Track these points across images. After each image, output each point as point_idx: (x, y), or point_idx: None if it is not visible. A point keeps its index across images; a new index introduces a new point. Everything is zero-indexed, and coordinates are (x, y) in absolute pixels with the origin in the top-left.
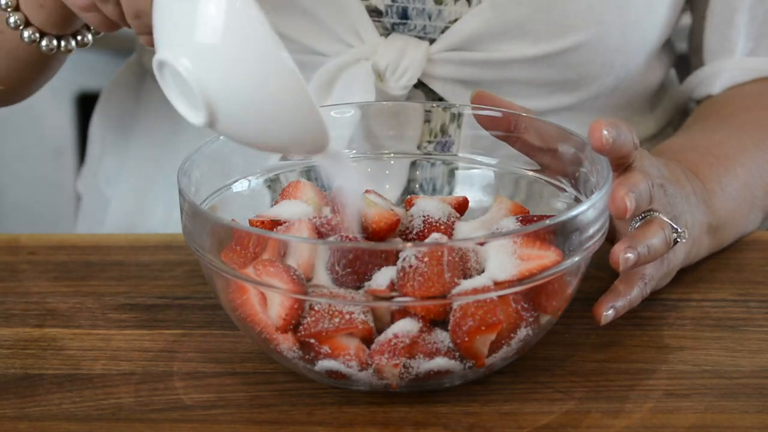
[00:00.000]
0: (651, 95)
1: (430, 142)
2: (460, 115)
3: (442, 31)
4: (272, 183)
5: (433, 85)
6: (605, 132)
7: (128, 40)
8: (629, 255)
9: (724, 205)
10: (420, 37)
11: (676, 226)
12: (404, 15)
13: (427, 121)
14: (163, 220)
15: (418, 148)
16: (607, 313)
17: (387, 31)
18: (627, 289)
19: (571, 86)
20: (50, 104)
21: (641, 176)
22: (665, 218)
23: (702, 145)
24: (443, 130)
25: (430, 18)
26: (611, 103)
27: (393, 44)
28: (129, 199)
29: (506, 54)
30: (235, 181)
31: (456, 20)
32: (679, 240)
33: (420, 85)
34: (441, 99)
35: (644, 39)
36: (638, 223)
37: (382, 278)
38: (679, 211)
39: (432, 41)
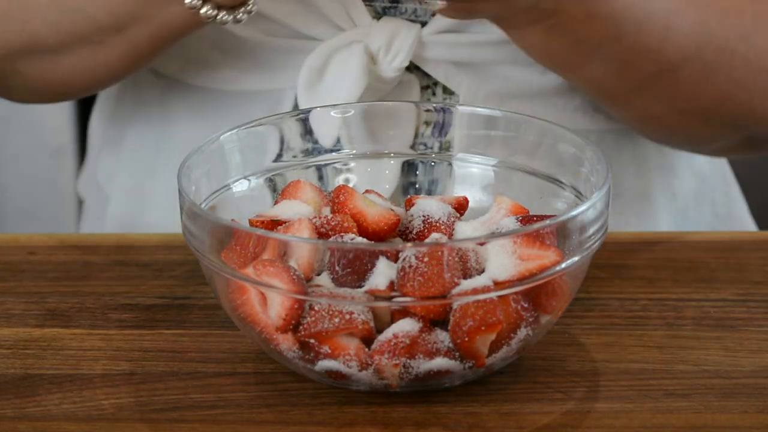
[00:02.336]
0: None
1: (427, 123)
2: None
3: (433, 14)
4: (272, 183)
5: (426, 67)
6: None
7: None
8: None
9: (569, 6)
10: (411, 21)
11: None
12: None
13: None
14: (164, 213)
15: (413, 147)
16: None
17: (378, 15)
18: None
19: None
20: (50, 104)
21: None
22: None
23: None
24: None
25: (420, 1)
26: None
27: (385, 26)
28: (128, 194)
29: (498, 34)
30: (235, 181)
31: None
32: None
33: (413, 68)
34: (434, 81)
35: None
36: None
37: (382, 278)
38: None
39: (423, 24)
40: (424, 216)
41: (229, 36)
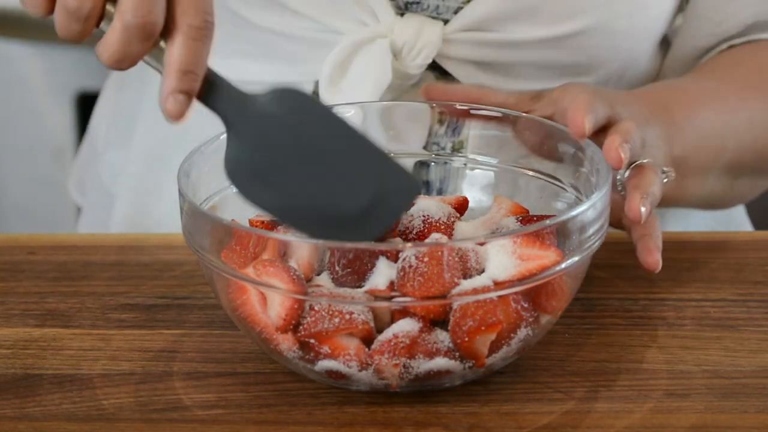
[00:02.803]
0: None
1: (441, 122)
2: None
3: (455, 12)
4: None
5: (447, 66)
6: (586, 123)
7: None
8: (644, 208)
9: (690, 141)
10: (433, 17)
11: (664, 168)
12: None
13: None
14: (174, 209)
15: (425, 147)
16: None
17: (401, 11)
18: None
19: (581, 70)
20: (50, 104)
21: (631, 124)
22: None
23: (681, 86)
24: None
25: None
26: None
27: (409, 23)
28: (137, 191)
29: (519, 35)
30: None
31: (468, 1)
32: (667, 179)
33: (433, 67)
34: (455, 80)
35: (650, 24)
36: (628, 172)
37: (382, 278)
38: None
39: (445, 22)
40: (424, 216)
41: (248, 26)
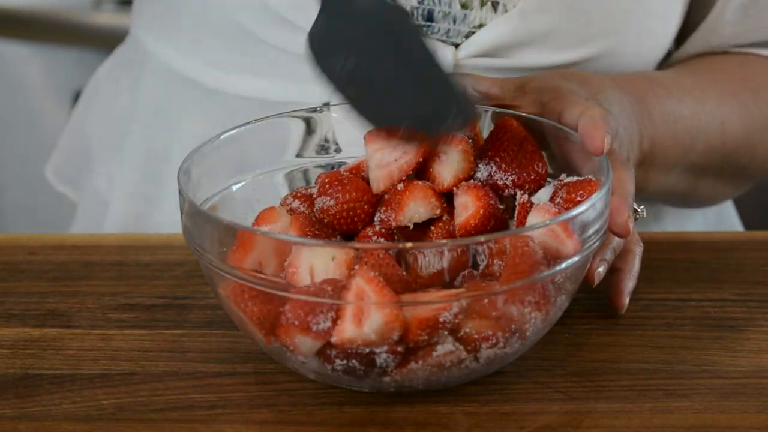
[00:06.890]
0: None
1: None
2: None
3: (466, 36)
4: (272, 182)
5: None
6: (606, 143)
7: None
8: (600, 269)
9: (661, 137)
10: (443, 41)
11: (637, 208)
12: (430, 17)
13: None
14: (169, 216)
15: None
16: (626, 300)
17: None
18: (629, 264)
19: None
20: (50, 104)
21: (605, 113)
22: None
23: (662, 80)
24: None
25: (454, 22)
26: None
27: None
28: (132, 200)
29: (529, 61)
30: (236, 182)
31: (480, 26)
32: (638, 217)
33: None
34: None
35: (657, 47)
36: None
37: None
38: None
39: (456, 46)
40: None
41: (256, 42)
